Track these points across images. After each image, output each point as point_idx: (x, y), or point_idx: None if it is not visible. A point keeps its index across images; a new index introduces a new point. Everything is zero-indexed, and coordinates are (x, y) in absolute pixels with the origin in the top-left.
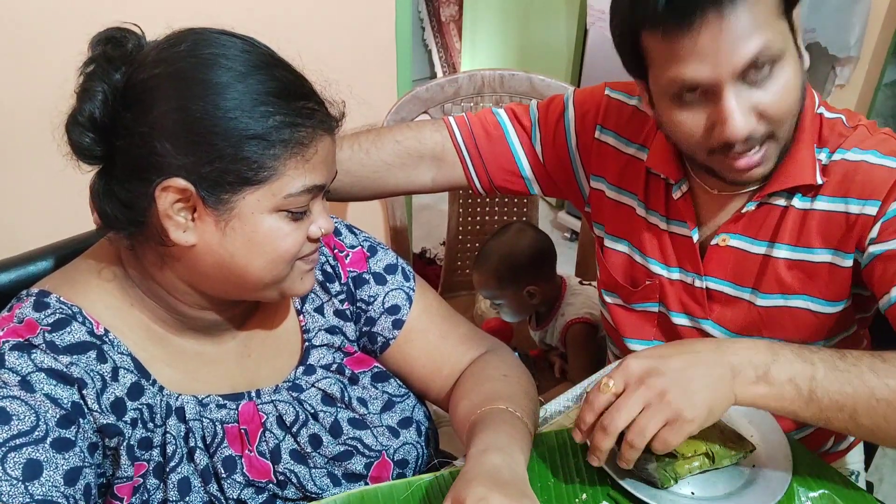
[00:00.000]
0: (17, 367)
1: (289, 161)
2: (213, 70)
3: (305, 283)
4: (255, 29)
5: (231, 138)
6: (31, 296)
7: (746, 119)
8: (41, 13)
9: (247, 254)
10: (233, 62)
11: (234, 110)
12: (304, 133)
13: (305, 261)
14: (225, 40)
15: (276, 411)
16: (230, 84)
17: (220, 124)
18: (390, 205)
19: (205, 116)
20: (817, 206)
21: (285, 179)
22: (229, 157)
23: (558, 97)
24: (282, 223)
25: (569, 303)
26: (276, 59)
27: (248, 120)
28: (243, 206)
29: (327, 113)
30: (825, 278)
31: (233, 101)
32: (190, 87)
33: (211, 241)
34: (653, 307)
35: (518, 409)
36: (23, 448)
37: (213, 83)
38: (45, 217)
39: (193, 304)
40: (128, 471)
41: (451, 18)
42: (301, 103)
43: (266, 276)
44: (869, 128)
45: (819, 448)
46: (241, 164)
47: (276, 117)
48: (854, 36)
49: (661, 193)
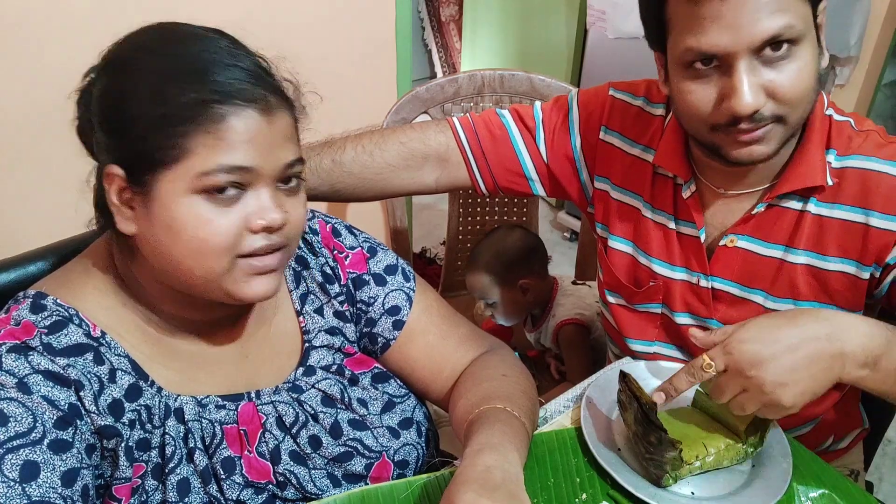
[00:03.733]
0: (15, 369)
1: (198, 138)
2: (132, 53)
3: (254, 287)
4: (254, 30)
5: (141, 119)
6: (28, 297)
7: (756, 94)
8: (41, 14)
9: (169, 242)
10: (153, 43)
11: (145, 91)
12: (218, 109)
13: (253, 261)
14: (159, 27)
15: (275, 412)
16: (144, 66)
17: (133, 106)
18: (390, 205)
19: (119, 99)
20: (836, 214)
21: (196, 158)
22: (141, 139)
23: (562, 98)
24: (201, 207)
25: (559, 304)
26: (200, 35)
27: (158, 99)
28: (161, 189)
29: (269, 90)
30: (838, 287)
31: (143, 83)
32: (112, 71)
33: (144, 229)
34: (656, 308)
35: (515, 407)
36: (20, 450)
37: (128, 66)
38: (45, 217)
39: (171, 303)
40: (126, 472)
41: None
42: (221, 79)
43: (196, 269)
44: (881, 133)
45: (819, 446)
46: (152, 144)
47: (189, 94)
48: (854, 36)
49: (669, 193)
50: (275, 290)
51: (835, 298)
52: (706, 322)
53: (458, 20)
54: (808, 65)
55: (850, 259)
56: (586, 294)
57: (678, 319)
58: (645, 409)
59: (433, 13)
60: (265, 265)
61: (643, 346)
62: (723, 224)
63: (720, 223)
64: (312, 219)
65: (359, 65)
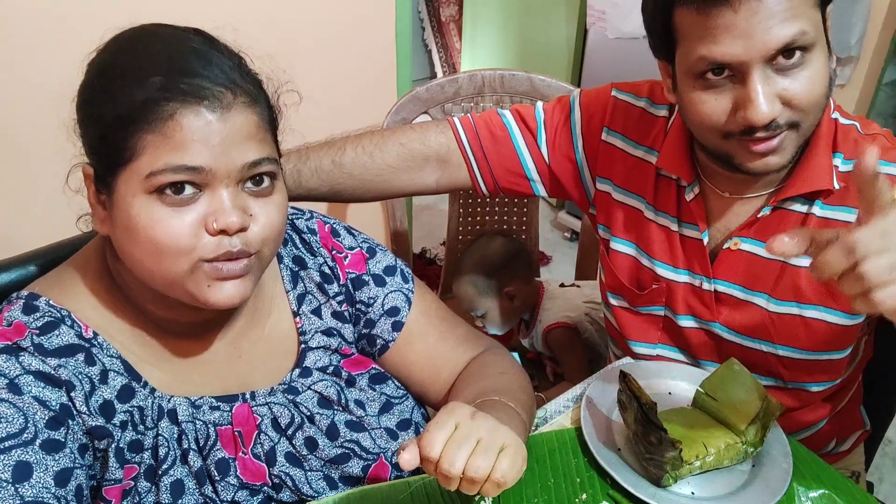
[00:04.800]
0: (5, 369)
1: (147, 137)
2: (101, 55)
3: (219, 292)
4: (254, 30)
5: (101, 119)
6: (20, 298)
7: (772, 104)
8: (42, 14)
9: (130, 243)
10: (121, 44)
11: (104, 91)
12: (167, 107)
13: (217, 265)
14: (138, 28)
15: (270, 413)
16: (107, 67)
17: (94, 106)
18: (390, 205)
19: (86, 100)
20: (841, 217)
21: (146, 158)
22: (100, 139)
23: (564, 98)
24: (153, 207)
25: (545, 308)
26: (169, 35)
27: (114, 98)
28: (119, 189)
29: (229, 87)
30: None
31: (104, 83)
32: (86, 73)
33: (112, 229)
34: (658, 311)
35: (512, 400)
36: (12, 450)
37: (96, 67)
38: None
39: (155, 304)
40: (116, 473)
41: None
42: (176, 77)
43: (156, 272)
44: (887, 137)
45: (820, 450)
46: (110, 144)
47: (141, 93)
48: (854, 36)
49: (672, 195)
50: (244, 297)
51: (841, 302)
52: (709, 325)
53: (458, 20)
54: (820, 70)
55: None
56: (573, 296)
57: (681, 322)
58: (645, 410)
59: (433, 13)
60: (229, 271)
61: (646, 348)
62: (726, 227)
63: (724, 226)
64: (311, 219)
65: (359, 65)
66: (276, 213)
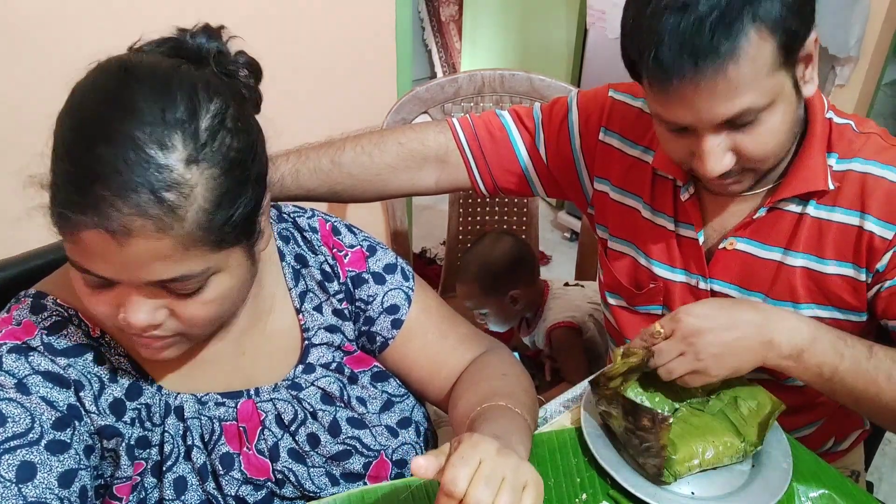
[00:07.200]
0: (14, 369)
1: (64, 234)
2: (68, 110)
3: (149, 352)
4: (255, 30)
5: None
6: (28, 297)
7: (723, 159)
8: (43, 13)
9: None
10: (81, 103)
11: (56, 155)
12: (73, 219)
13: (140, 336)
14: (104, 84)
15: (275, 410)
16: (63, 122)
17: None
18: (391, 205)
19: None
20: (834, 218)
21: (67, 244)
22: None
23: (562, 99)
24: (79, 280)
25: (549, 307)
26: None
27: (56, 175)
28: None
29: (136, 213)
30: (838, 291)
31: (56, 142)
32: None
33: None
34: (656, 310)
35: (517, 405)
36: (17, 450)
37: (61, 122)
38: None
39: None
40: (127, 471)
41: (451, 18)
42: (90, 188)
43: (101, 318)
44: (883, 136)
45: (819, 448)
46: (53, 204)
47: (63, 194)
48: (854, 36)
49: (669, 195)
50: (178, 353)
51: (833, 301)
52: None
53: (458, 20)
54: (778, 124)
55: (847, 262)
56: (576, 296)
57: None
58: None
59: (433, 13)
60: (153, 347)
61: None
62: (722, 227)
63: (720, 226)
64: (312, 217)
65: (359, 65)
66: (200, 310)
